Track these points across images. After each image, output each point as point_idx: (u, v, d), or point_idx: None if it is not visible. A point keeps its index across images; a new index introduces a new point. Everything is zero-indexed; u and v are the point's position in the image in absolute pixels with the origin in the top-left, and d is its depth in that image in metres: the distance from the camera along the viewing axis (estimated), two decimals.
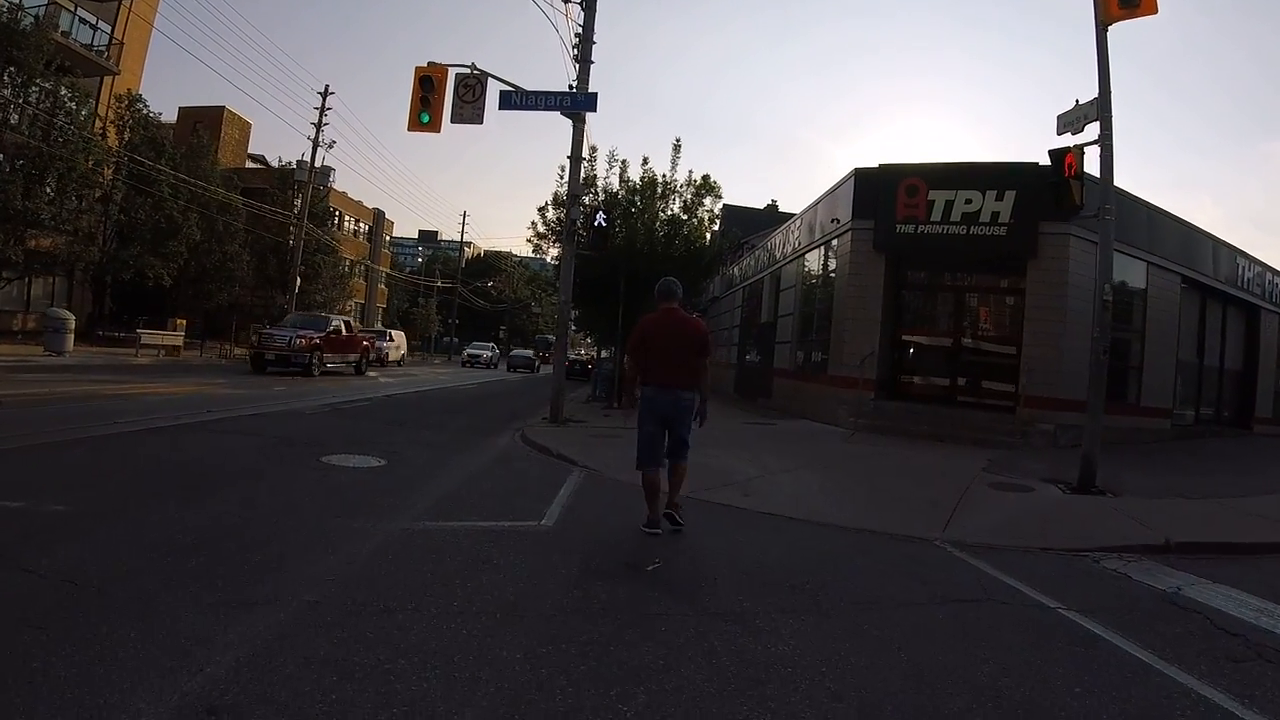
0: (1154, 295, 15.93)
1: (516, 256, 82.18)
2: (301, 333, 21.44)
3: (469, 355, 44.94)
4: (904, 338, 15.38)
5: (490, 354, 44.53)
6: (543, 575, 4.45)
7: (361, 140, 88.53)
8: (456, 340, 68.36)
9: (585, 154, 17.84)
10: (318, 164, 35.69)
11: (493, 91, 13.05)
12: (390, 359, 35.21)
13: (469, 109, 13.14)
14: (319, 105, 36.07)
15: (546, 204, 18.76)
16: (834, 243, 15.60)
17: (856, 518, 6.93)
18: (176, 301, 34.73)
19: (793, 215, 22.76)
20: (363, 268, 53.13)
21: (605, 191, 18.23)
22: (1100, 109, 9.51)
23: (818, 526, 6.57)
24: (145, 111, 32.15)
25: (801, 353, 17.17)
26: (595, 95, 12.92)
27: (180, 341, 27.83)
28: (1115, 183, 9.94)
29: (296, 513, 5.53)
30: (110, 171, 28.82)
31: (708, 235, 18.76)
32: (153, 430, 8.89)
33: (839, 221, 15.40)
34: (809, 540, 6.11)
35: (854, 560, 5.58)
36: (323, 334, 22.22)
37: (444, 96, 13.15)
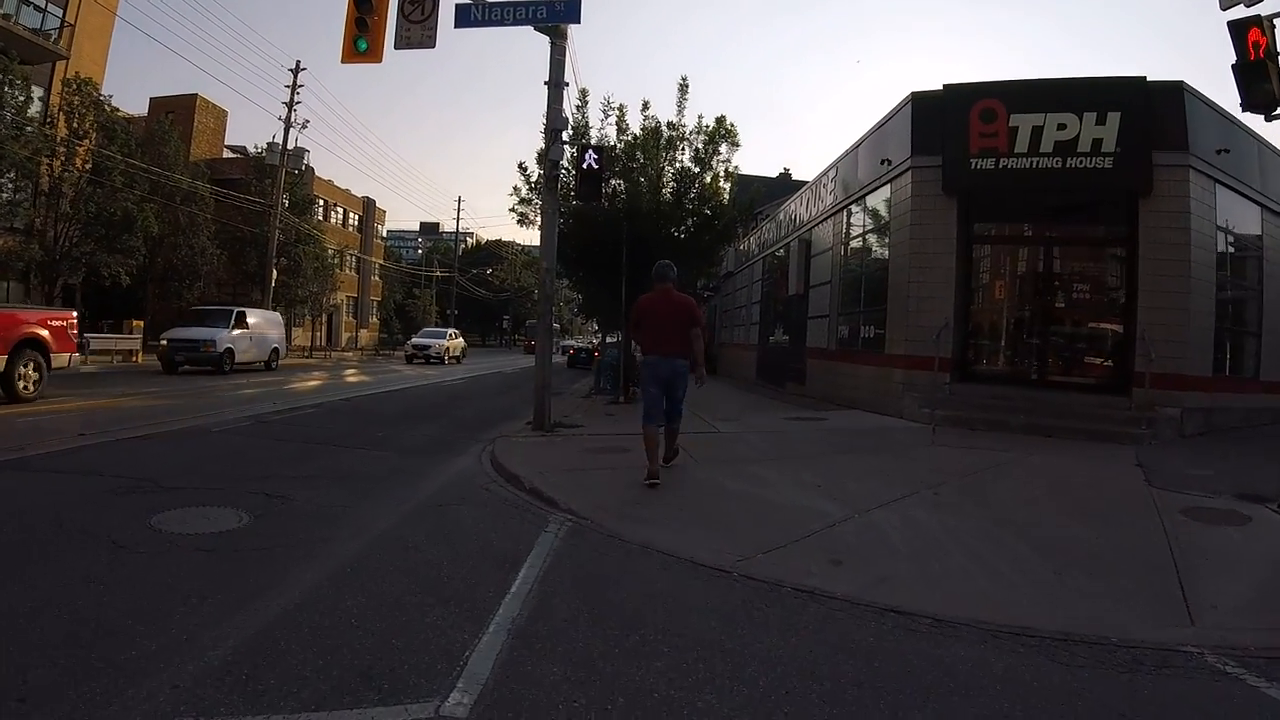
0: (1270, 245, 12.88)
1: (518, 245, 79.26)
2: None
3: (414, 347, 34.84)
4: (981, 303, 12.37)
5: (444, 344, 35.09)
6: None
7: (353, 131, 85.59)
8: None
9: (574, 99, 14.82)
10: (290, 146, 32.73)
11: (447, 8, 10.10)
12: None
13: (417, 30, 10.19)
14: (290, 84, 33.19)
15: (526, 164, 15.67)
16: (885, 190, 12.54)
17: (1041, 608, 3.94)
18: (143, 302, 32.01)
19: (807, 183, 19.72)
20: (353, 259, 50.25)
21: (600, 147, 15.17)
22: None
23: (988, 637, 3.57)
24: (96, 95, 29.18)
25: (845, 328, 14.14)
26: (578, 2, 9.87)
27: (137, 345, 25.03)
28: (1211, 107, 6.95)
29: None
30: (59, 162, 26.07)
31: (724, 192, 15.63)
32: None
33: (890, 163, 12.33)
34: (992, 686, 3.10)
35: None
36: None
37: (386, 17, 10.26)
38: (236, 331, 21.87)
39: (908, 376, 11.23)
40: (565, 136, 9.60)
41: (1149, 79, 10.88)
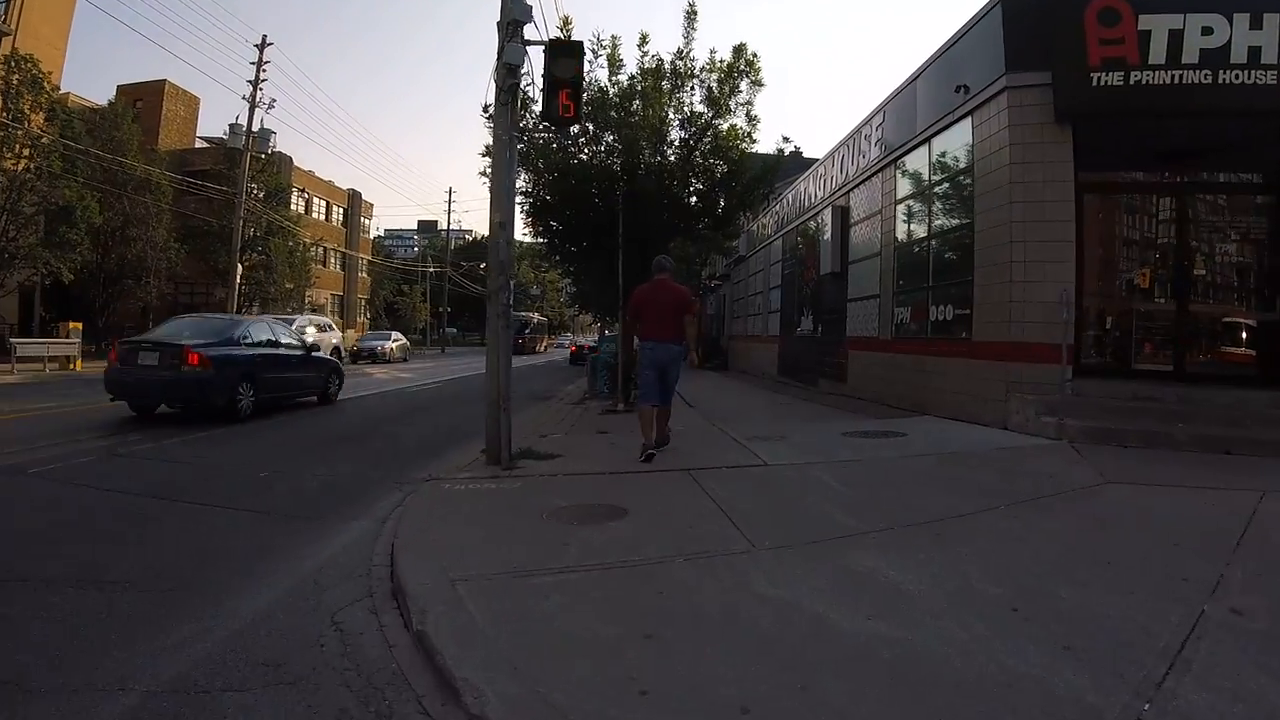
0: None
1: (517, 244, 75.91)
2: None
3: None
4: (1100, 271, 9.34)
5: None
6: None
7: (341, 125, 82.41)
8: (455, 330, 62.71)
9: (553, 17, 11.70)
10: (256, 128, 29.67)
11: None
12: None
13: None
14: (256, 60, 30.14)
15: (488, 105, 12.55)
16: (963, 127, 9.47)
17: None
18: (99, 301, 28.98)
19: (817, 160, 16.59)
20: (337, 254, 47.24)
21: (590, 92, 12.11)
22: None
23: None
24: (35, 73, 26.15)
25: (905, 310, 11.04)
26: None
27: (75, 350, 22.02)
28: None
29: None
30: None
31: (744, 142, 12.43)
32: None
33: (967, 90, 9.25)
34: None
35: None
36: None
37: None
38: None
39: (1013, 372, 8.16)
40: (529, 34, 6.55)
41: None
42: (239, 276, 29.78)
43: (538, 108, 12.13)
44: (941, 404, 9.43)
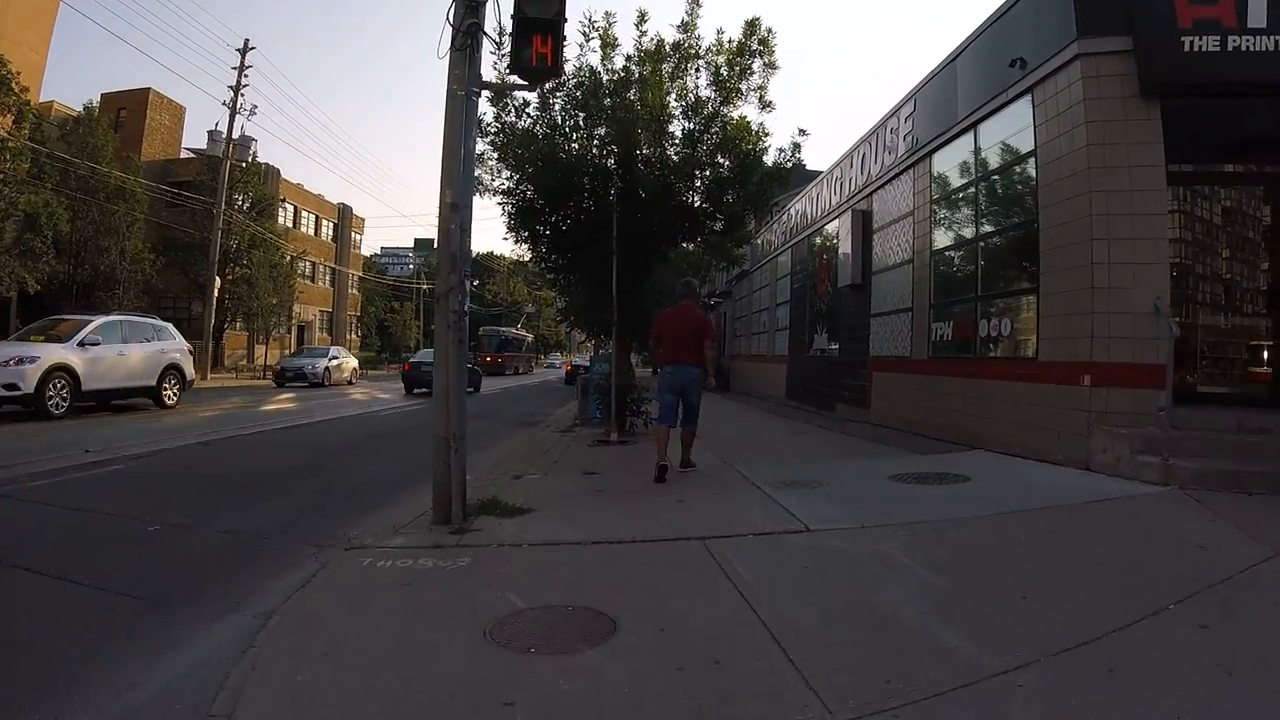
0: None
1: (510, 259, 74.51)
2: None
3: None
4: (1192, 275, 7.91)
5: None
6: None
7: (334, 139, 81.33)
8: None
9: None
10: (237, 134, 28.34)
11: None
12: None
13: None
14: (238, 65, 28.89)
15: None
16: (1019, 108, 8.02)
17: None
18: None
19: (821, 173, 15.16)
20: (326, 269, 45.83)
21: (581, 78, 10.68)
22: None
23: None
24: (3, 72, 24.79)
25: (947, 325, 9.53)
26: None
27: None
28: None
29: None
30: None
31: (756, 139, 10.92)
32: None
33: (1024, 63, 7.82)
34: None
35: None
36: None
37: None
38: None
39: (1095, 399, 6.64)
40: None
41: None
42: (217, 290, 28.32)
43: (523, 96, 10.79)
44: (996, 436, 7.90)
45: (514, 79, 5.47)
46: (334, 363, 26.94)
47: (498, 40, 5.33)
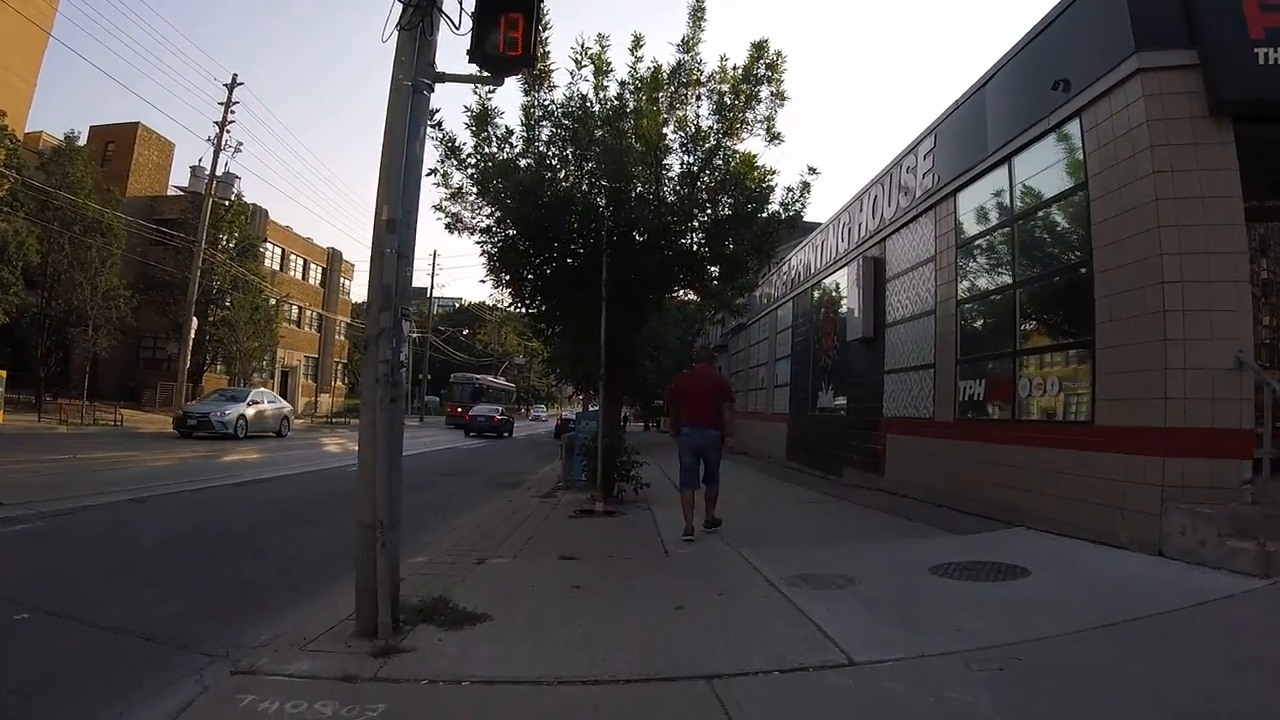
0: None
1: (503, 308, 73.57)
2: None
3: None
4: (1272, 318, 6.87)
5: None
6: None
7: (323, 181, 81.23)
8: (437, 399, 59.43)
9: None
10: (220, 172, 27.54)
11: None
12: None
13: None
14: (224, 100, 28.30)
15: (440, 116, 10.14)
16: (1065, 135, 7.07)
17: None
18: (42, 349, 25.97)
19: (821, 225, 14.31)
20: (313, 314, 44.77)
21: (570, 107, 9.76)
22: None
23: None
24: None
25: (975, 384, 8.41)
26: None
27: None
28: None
29: None
30: None
31: (764, 175, 9.91)
32: None
33: (1067, 85, 6.90)
34: None
35: None
36: None
37: None
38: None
39: (1169, 472, 5.49)
40: None
41: None
42: (193, 330, 27.15)
43: (507, 118, 9.87)
44: (1039, 510, 6.72)
45: (475, 69, 4.33)
46: (251, 410, 21.74)
47: (455, 23, 4.24)
